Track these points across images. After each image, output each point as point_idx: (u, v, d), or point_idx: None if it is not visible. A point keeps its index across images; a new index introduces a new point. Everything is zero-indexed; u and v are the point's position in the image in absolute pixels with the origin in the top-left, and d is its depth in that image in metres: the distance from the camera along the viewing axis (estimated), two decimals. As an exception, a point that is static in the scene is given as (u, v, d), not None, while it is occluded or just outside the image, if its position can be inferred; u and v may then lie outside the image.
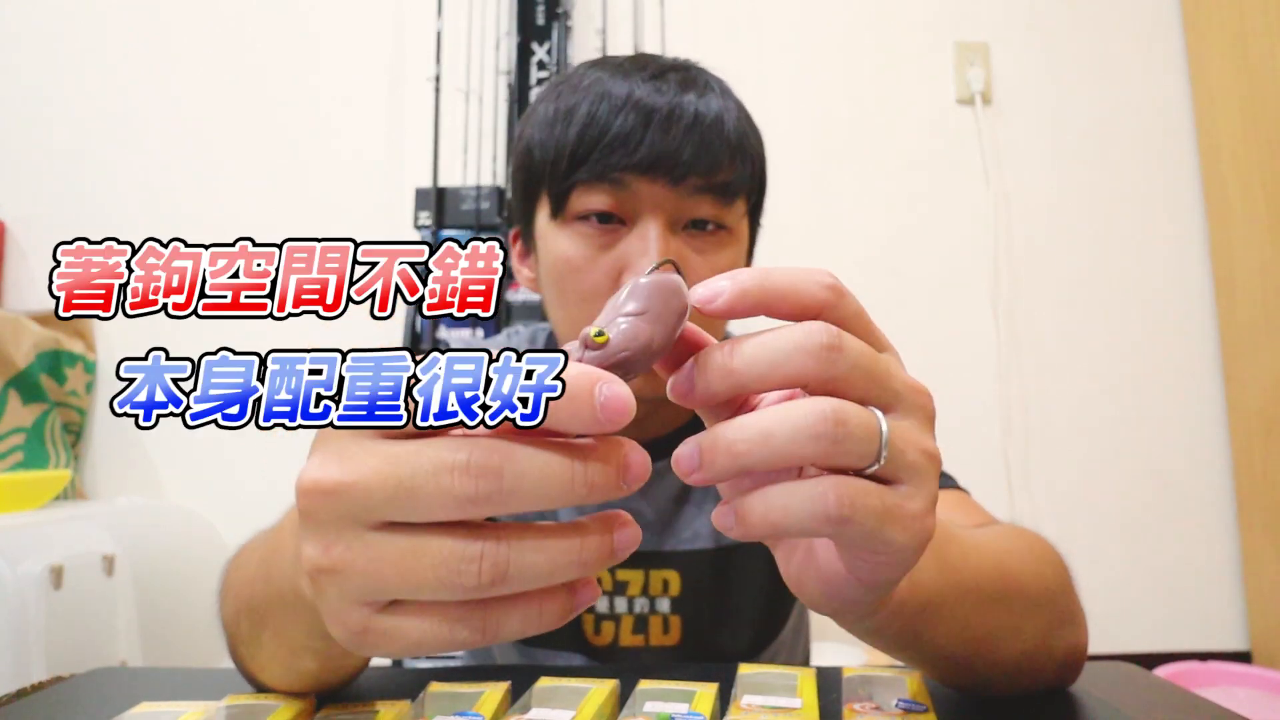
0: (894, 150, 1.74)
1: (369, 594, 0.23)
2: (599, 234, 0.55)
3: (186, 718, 0.39)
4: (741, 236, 0.59)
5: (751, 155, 0.57)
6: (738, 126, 0.56)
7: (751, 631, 0.69)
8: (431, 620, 0.23)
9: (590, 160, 0.53)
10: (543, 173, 0.57)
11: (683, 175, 0.53)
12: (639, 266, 0.53)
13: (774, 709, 0.37)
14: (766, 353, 0.26)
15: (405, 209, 1.60)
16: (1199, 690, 1.25)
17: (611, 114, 0.52)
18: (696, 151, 0.53)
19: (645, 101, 0.53)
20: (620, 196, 0.54)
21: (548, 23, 1.62)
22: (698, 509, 0.67)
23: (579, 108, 0.54)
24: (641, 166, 0.52)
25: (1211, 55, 1.69)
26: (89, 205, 1.68)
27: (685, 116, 0.53)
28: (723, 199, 0.55)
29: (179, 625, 1.27)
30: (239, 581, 0.41)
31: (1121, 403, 1.70)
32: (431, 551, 0.23)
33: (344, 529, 0.23)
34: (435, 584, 0.23)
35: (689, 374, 0.27)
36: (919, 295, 1.71)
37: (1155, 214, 1.74)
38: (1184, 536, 1.66)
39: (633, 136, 0.52)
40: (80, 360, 1.59)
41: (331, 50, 1.72)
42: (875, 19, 1.77)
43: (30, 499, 1.28)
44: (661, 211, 0.54)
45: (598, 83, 0.54)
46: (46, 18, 1.71)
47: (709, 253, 0.56)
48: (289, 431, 0.25)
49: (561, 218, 0.56)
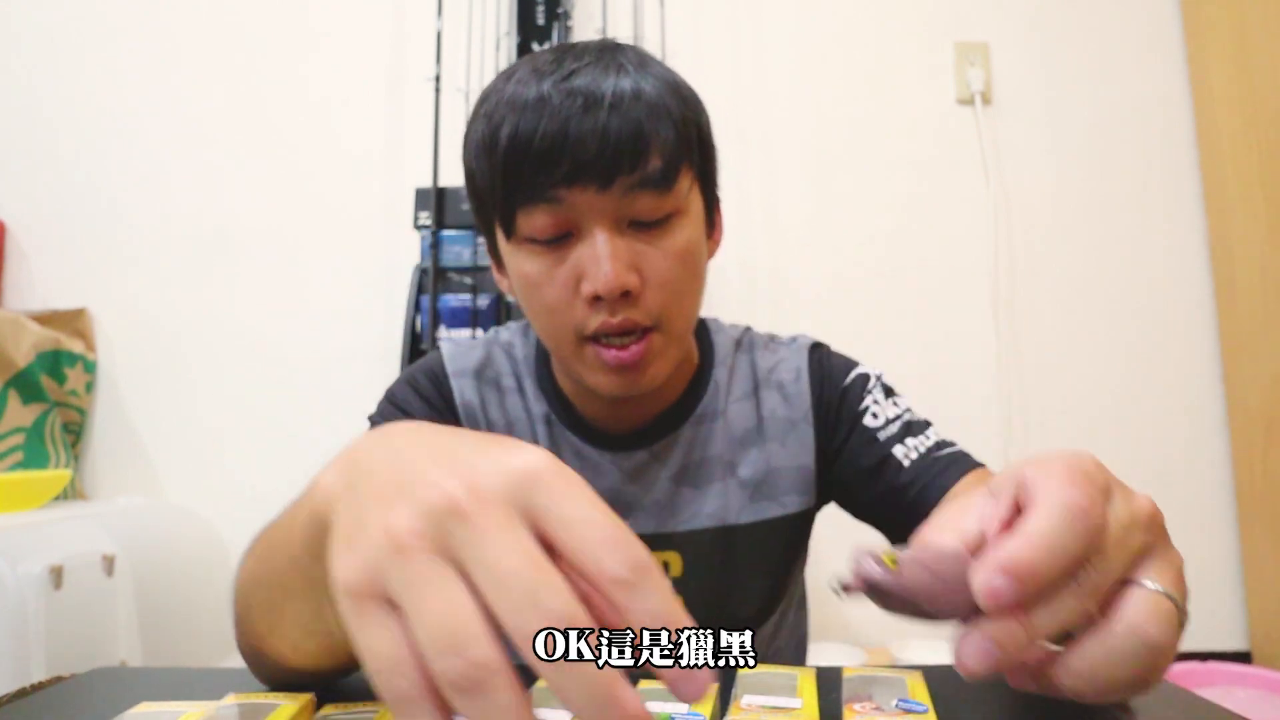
0: (894, 150, 1.74)
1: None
2: (550, 250, 0.56)
3: (186, 717, 0.39)
4: (692, 211, 0.59)
5: (681, 131, 0.56)
6: (659, 109, 0.55)
7: (755, 605, 0.69)
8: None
9: (522, 184, 0.54)
10: (486, 200, 0.58)
11: (610, 178, 0.53)
12: (593, 274, 0.54)
13: (774, 709, 0.37)
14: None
15: (405, 209, 1.60)
16: (1199, 690, 1.25)
17: (531, 130, 0.53)
18: (617, 151, 0.53)
19: (559, 109, 0.52)
20: (559, 212, 0.55)
21: (548, 23, 1.62)
22: (696, 489, 0.67)
23: (500, 130, 0.54)
24: (569, 179, 0.53)
25: (1211, 55, 1.69)
26: (89, 205, 1.68)
27: (600, 116, 0.52)
28: (658, 189, 0.55)
29: (179, 625, 1.27)
30: (255, 564, 0.41)
31: (1121, 402, 1.70)
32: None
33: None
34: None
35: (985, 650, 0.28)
36: (919, 295, 1.71)
37: (1155, 214, 1.74)
38: (1184, 536, 1.65)
39: (554, 150, 0.52)
40: (80, 360, 1.59)
41: (332, 50, 1.72)
42: (875, 19, 1.77)
43: (30, 499, 1.28)
44: (602, 216, 0.55)
45: (514, 99, 0.54)
46: (47, 18, 1.71)
47: (660, 241, 0.57)
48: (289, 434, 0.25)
49: (515, 239, 0.57)
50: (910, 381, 0.78)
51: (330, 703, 0.41)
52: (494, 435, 0.27)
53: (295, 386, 1.65)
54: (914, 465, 0.64)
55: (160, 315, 1.67)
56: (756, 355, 0.72)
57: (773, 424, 0.68)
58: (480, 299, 1.47)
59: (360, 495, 0.27)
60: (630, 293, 0.55)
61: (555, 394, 0.68)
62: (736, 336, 0.73)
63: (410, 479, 0.25)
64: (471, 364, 0.69)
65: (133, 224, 1.68)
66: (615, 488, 0.67)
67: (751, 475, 0.68)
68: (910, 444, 0.65)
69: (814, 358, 0.71)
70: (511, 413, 0.69)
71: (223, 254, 1.67)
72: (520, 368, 0.70)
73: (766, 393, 0.70)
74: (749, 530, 0.67)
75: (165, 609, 1.23)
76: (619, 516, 0.25)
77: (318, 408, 1.64)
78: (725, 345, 0.72)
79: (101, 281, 1.67)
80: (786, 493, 0.68)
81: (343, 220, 1.69)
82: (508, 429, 0.68)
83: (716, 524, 0.67)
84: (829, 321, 1.68)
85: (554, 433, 0.68)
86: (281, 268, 1.67)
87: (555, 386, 0.69)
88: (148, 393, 1.66)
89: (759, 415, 0.69)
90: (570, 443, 0.67)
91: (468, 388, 0.68)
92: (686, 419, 0.68)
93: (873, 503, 0.66)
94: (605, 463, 0.67)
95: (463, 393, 0.68)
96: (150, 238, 1.67)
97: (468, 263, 1.49)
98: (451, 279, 1.50)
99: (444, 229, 1.51)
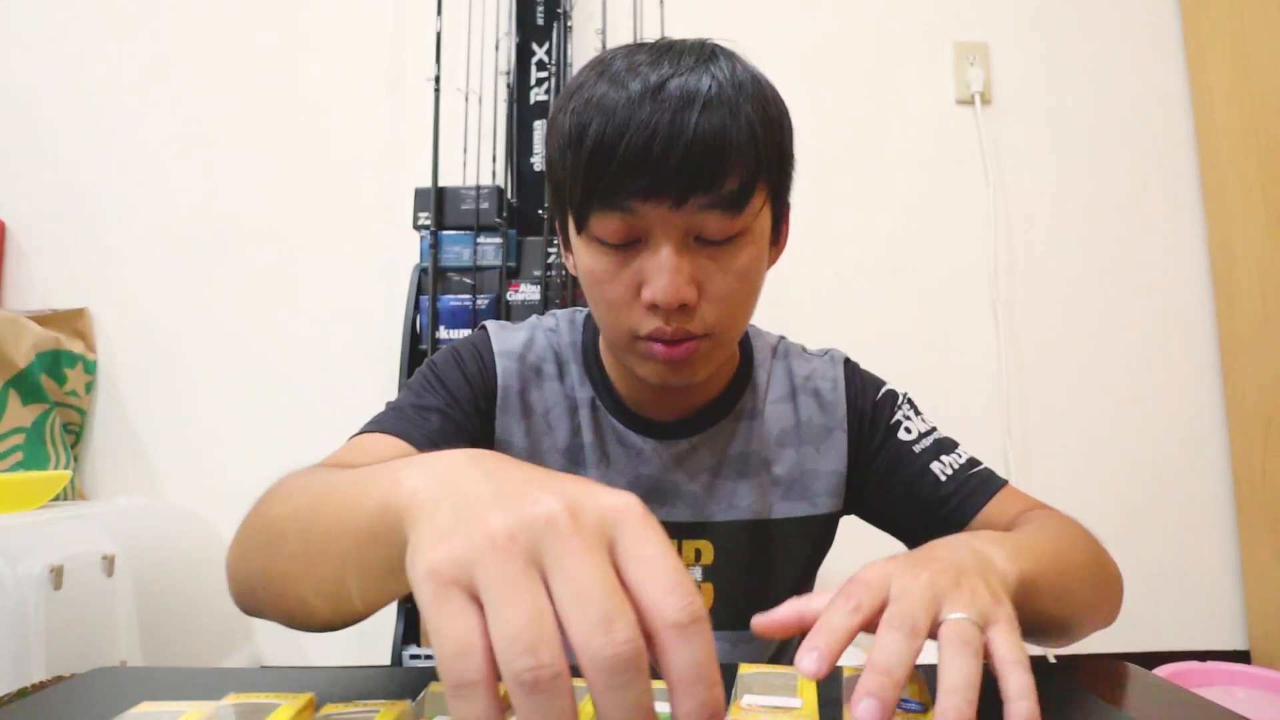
0: (894, 151, 1.74)
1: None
2: (618, 252, 0.58)
3: (187, 717, 0.39)
4: (759, 232, 0.60)
5: (763, 149, 0.57)
6: (744, 127, 0.55)
7: (783, 600, 0.70)
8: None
9: (599, 190, 0.55)
10: (562, 192, 0.59)
11: (685, 197, 0.54)
12: (654, 284, 0.56)
13: (774, 709, 0.37)
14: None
15: (405, 209, 1.60)
16: (1198, 690, 1.25)
17: (616, 140, 0.53)
18: (696, 171, 0.53)
19: (647, 120, 0.53)
20: (630, 221, 0.56)
21: (547, 23, 1.62)
22: (733, 482, 0.69)
23: (587, 131, 0.55)
24: (645, 193, 0.54)
25: (1211, 55, 1.69)
26: (89, 205, 1.68)
27: (685, 134, 0.53)
28: (730, 210, 0.56)
29: (179, 625, 1.27)
30: (293, 514, 0.42)
31: (1120, 402, 1.70)
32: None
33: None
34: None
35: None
36: (919, 295, 1.71)
37: (1154, 214, 1.74)
38: (1183, 536, 1.67)
39: (635, 164, 0.53)
40: (80, 360, 1.59)
41: (331, 51, 1.72)
42: (875, 19, 1.77)
43: (30, 499, 1.28)
44: (672, 230, 0.56)
45: (604, 102, 0.55)
46: (46, 18, 1.71)
47: (723, 260, 0.58)
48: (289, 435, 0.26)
49: (584, 235, 0.59)
50: (910, 381, 0.78)
51: (331, 702, 0.41)
52: (579, 478, 0.30)
53: (295, 386, 1.65)
54: (950, 480, 0.67)
55: (160, 315, 1.67)
56: (792, 362, 0.74)
57: (809, 429, 0.71)
58: (480, 299, 1.47)
59: (458, 500, 0.29)
60: (687, 305, 0.57)
61: (602, 380, 0.70)
62: (773, 343, 0.76)
63: (511, 493, 0.28)
64: (516, 346, 0.71)
65: (133, 224, 1.68)
66: (655, 474, 0.68)
67: (786, 474, 0.70)
68: (946, 460, 0.68)
69: (848, 370, 0.74)
70: (549, 399, 0.70)
71: (223, 254, 1.67)
72: (566, 354, 0.72)
73: (804, 398, 0.72)
74: (781, 526, 0.70)
75: (165, 609, 1.23)
76: (658, 502, 0.26)
77: (318, 408, 1.64)
78: (764, 350, 0.75)
79: (101, 281, 1.67)
80: (819, 494, 0.71)
81: (342, 220, 1.69)
82: (544, 414, 0.70)
83: (751, 516, 0.69)
84: (829, 321, 1.68)
85: (598, 417, 0.69)
86: (281, 268, 1.67)
87: (602, 373, 0.70)
88: (148, 393, 1.66)
89: (796, 418, 0.72)
90: (613, 427, 0.69)
91: (510, 370, 0.69)
92: (728, 414, 0.70)
93: (907, 515, 0.69)
94: (648, 449, 0.69)
95: (505, 374, 0.69)
96: (150, 238, 1.67)
97: (467, 263, 1.49)
98: (451, 279, 1.50)
99: (444, 229, 1.51)
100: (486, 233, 1.50)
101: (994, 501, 0.66)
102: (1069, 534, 0.58)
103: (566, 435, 0.69)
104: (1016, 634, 0.38)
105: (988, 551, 0.44)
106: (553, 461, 0.69)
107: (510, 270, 1.49)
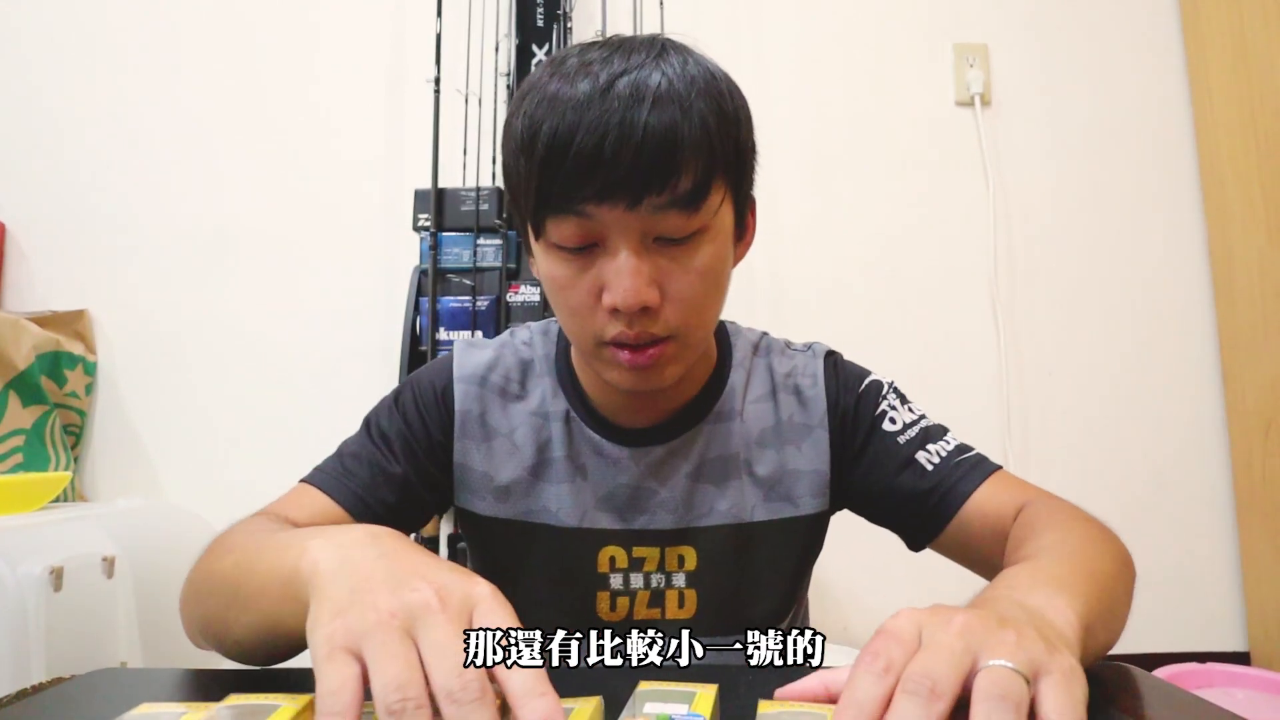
0: (893, 152, 1.75)
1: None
2: (576, 257, 0.56)
3: (187, 718, 0.39)
4: (719, 229, 0.58)
5: (718, 144, 0.55)
6: (697, 122, 0.54)
7: (770, 604, 0.70)
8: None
9: (553, 195, 0.54)
10: (519, 199, 0.58)
11: (639, 198, 0.53)
12: (614, 288, 0.55)
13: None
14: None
15: (405, 210, 1.60)
16: (1198, 691, 1.25)
17: (566, 142, 0.52)
18: (649, 171, 0.52)
19: (597, 121, 0.52)
20: (586, 225, 0.55)
21: (547, 25, 1.62)
22: (713, 486, 0.68)
23: (539, 136, 0.54)
24: (600, 196, 0.53)
25: (1210, 56, 1.69)
26: (89, 206, 1.68)
27: (635, 133, 0.51)
28: (686, 209, 0.54)
29: (179, 626, 1.26)
30: (229, 569, 0.50)
31: (1120, 403, 1.70)
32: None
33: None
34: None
35: None
36: (919, 295, 1.71)
37: (1154, 215, 1.74)
38: (1183, 537, 1.67)
39: (587, 166, 0.52)
40: (80, 362, 1.59)
41: (331, 52, 1.73)
42: (874, 21, 1.77)
43: (30, 500, 1.28)
44: (628, 232, 0.54)
45: (555, 97, 0.54)
46: (47, 19, 1.71)
47: (684, 259, 0.57)
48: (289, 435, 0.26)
49: (543, 241, 0.58)
50: (910, 381, 0.78)
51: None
52: (455, 566, 0.39)
53: (295, 387, 1.65)
54: (937, 469, 0.65)
55: (160, 316, 1.67)
56: (773, 360, 0.73)
57: (790, 428, 0.70)
58: (480, 301, 1.47)
59: (352, 580, 0.37)
60: (649, 308, 0.56)
61: (575, 391, 0.69)
62: (755, 340, 0.74)
63: (397, 578, 0.36)
64: (479, 369, 0.70)
65: (133, 225, 1.68)
66: (633, 483, 0.67)
67: (768, 475, 0.69)
68: (932, 449, 0.66)
69: (829, 364, 0.72)
70: (514, 419, 0.69)
71: (223, 255, 1.67)
72: (539, 367, 0.71)
73: (784, 396, 0.71)
74: (765, 529, 0.68)
75: (165, 610, 1.23)
76: (638, 510, 0.28)
77: (318, 408, 1.64)
78: (744, 348, 0.73)
79: (101, 282, 1.67)
80: (802, 495, 0.69)
81: (342, 221, 1.69)
82: (509, 435, 0.69)
83: (733, 521, 0.68)
84: (829, 322, 1.68)
85: (572, 429, 0.69)
86: (281, 269, 1.68)
87: (575, 383, 0.69)
88: (148, 394, 1.66)
89: (776, 418, 0.70)
90: (589, 438, 0.68)
91: (470, 394, 0.69)
92: (704, 417, 0.69)
93: (895, 507, 0.68)
94: (624, 458, 0.68)
95: (464, 399, 0.69)
96: (150, 239, 1.67)
97: (467, 264, 1.49)
98: (451, 281, 1.50)
99: (443, 231, 1.51)
100: (486, 234, 1.50)
101: (985, 487, 0.63)
102: (1092, 537, 0.54)
103: (533, 454, 0.68)
104: (1075, 690, 0.33)
105: (1034, 599, 0.40)
106: (519, 481, 0.68)
107: (510, 271, 1.49)
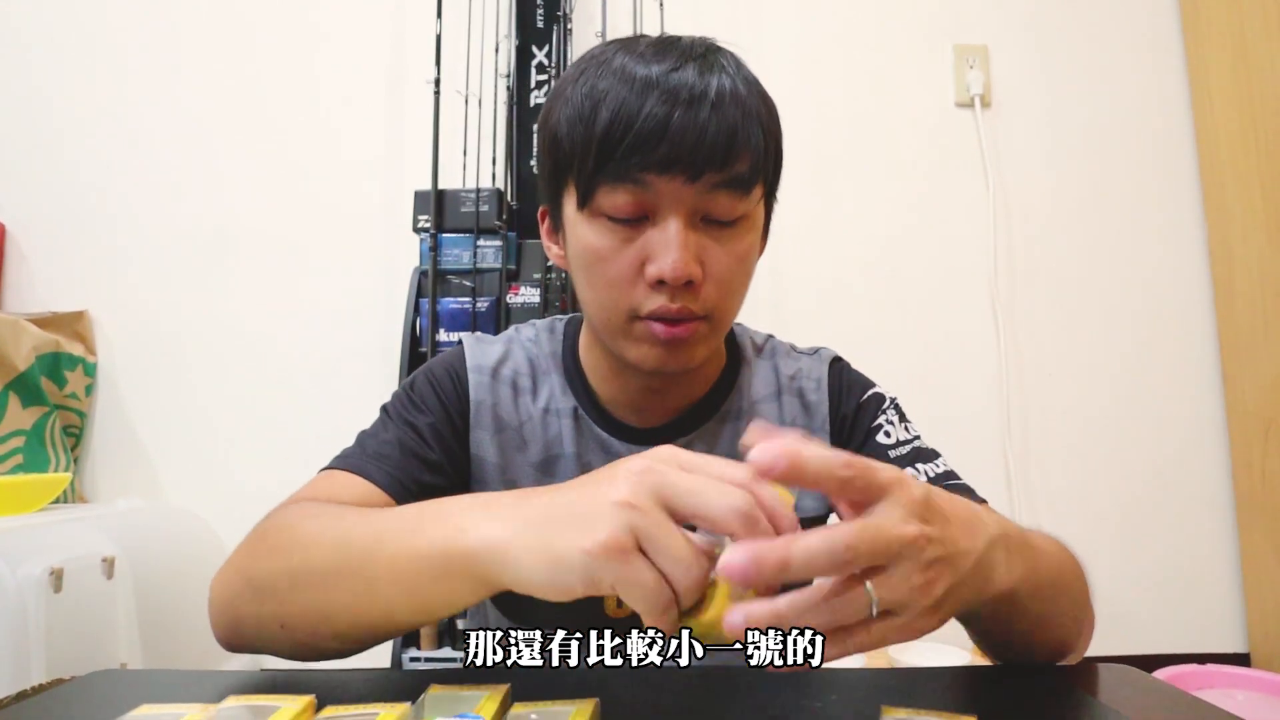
0: (893, 153, 1.75)
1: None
2: (624, 229, 0.58)
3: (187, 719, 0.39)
4: (757, 221, 0.62)
5: (766, 141, 0.58)
6: (753, 116, 0.57)
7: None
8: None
9: (614, 160, 0.55)
10: (569, 164, 0.58)
11: (699, 172, 0.55)
12: (661, 259, 0.56)
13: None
14: (807, 563, 0.35)
15: (405, 211, 1.60)
16: (1198, 692, 1.25)
17: (634, 112, 0.54)
18: (712, 148, 0.54)
19: (665, 97, 0.54)
20: (642, 196, 0.56)
21: (547, 26, 1.62)
22: None
23: (604, 102, 0.55)
24: (661, 166, 0.54)
25: (1210, 56, 1.69)
26: (89, 207, 1.68)
27: (702, 112, 0.54)
28: (739, 191, 0.57)
29: (179, 627, 1.27)
30: (328, 557, 0.46)
31: (1120, 404, 1.70)
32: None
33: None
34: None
35: (748, 565, 0.35)
36: (919, 296, 1.71)
37: (1154, 215, 1.74)
38: (1183, 538, 1.67)
39: (653, 136, 0.54)
40: (80, 363, 1.59)
41: (332, 53, 1.73)
42: (874, 21, 1.77)
43: (30, 501, 1.28)
44: (682, 207, 0.56)
45: (623, 71, 0.56)
46: (47, 19, 1.71)
47: (726, 242, 0.59)
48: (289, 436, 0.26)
49: (588, 210, 0.58)
50: (910, 381, 0.78)
51: (331, 704, 0.41)
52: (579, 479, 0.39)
53: (295, 388, 1.65)
54: None
55: (160, 317, 1.67)
56: (779, 361, 0.73)
57: (792, 431, 0.69)
58: (480, 302, 1.47)
59: (550, 518, 0.38)
60: (693, 283, 0.57)
61: (584, 388, 0.69)
62: (760, 342, 0.75)
63: (606, 476, 0.38)
64: (490, 361, 0.70)
65: (133, 226, 1.68)
66: None
67: None
68: (921, 469, 0.67)
69: (834, 370, 0.73)
70: (523, 413, 0.69)
71: (223, 256, 1.67)
72: (545, 364, 0.71)
73: (788, 399, 0.71)
74: None
75: (165, 611, 1.23)
76: None
77: (318, 409, 1.64)
78: (750, 349, 0.74)
79: (101, 283, 1.67)
80: (803, 497, 0.69)
81: (342, 222, 1.69)
82: (518, 429, 0.69)
83: None
84: (829, 322, 1.68)
85: (580, 426, 0.69)
86: (281, 269, 1.68)
87: (584, 381, 0.70)
88: (148, 394, 1.66)
89: (780, 419, 0.71)
90: (597, 436, 0.68)
91: (483, 385, 0.69)
92: (712, 415, 0.69)
93: None
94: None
95: (477, 389, 0.69)
96: (150, 239, 1.67)
97: (467, 265, 1.49)
98: (451, 282, 1.50)
99: (443, 232, 1.51)
100: (486, 235, 1.50)
101: None
102: (1053, 545, 0.56)
103: (541, 449, 0.68)
104: (893, 629, 0.37)
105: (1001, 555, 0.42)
106: (526, 476, 0.68)
107: (510, 273, 1.49)
